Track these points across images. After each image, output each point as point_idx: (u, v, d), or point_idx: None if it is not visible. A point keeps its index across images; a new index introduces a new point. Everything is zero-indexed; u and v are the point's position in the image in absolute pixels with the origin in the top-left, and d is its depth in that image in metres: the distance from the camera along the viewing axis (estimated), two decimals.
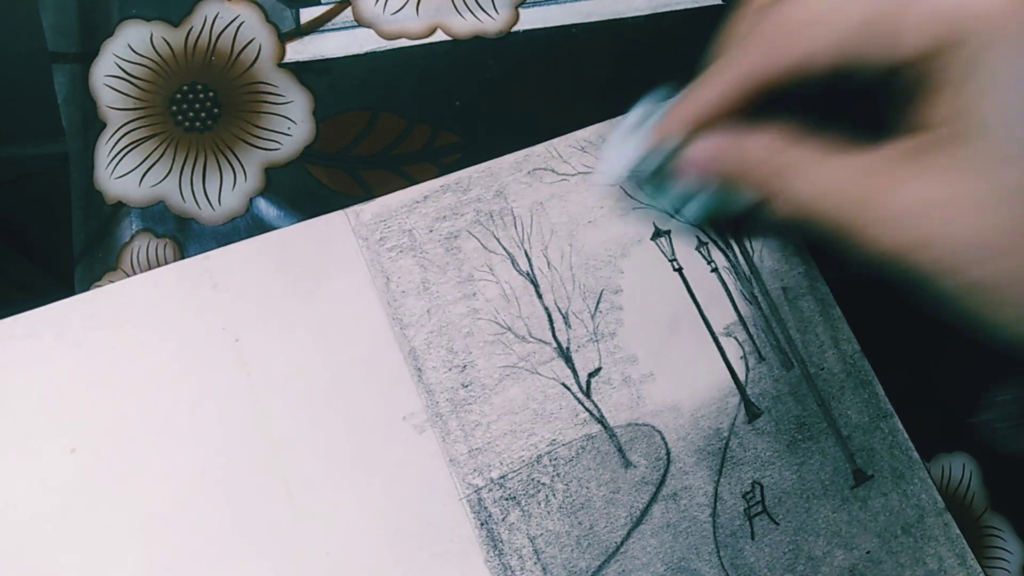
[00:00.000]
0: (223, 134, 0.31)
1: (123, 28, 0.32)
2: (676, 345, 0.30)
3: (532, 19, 0.35)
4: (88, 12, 0.32)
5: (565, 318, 0.30)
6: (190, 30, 0.32)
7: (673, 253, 0.31)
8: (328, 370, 0.28)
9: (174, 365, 0.27)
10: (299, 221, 0.31)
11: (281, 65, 0.33)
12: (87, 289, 0.30)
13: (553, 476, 0.28)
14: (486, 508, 0.27)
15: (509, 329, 0.29)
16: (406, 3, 0.34)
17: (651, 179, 0.26)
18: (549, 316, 0.30)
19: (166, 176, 0.31)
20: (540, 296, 0.30)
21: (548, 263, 0.30)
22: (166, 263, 0.30)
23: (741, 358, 0.30)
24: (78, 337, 0.27)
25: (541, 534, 0.27)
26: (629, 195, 0.31)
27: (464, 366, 0.29)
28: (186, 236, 0.31)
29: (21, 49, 0.34)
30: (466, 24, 0.34)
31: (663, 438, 0.29)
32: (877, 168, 0.19)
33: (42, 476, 0.25)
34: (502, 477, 0.28)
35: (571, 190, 0.31)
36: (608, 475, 0.28)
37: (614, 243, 0.31)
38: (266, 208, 0.31)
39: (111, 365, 0.27)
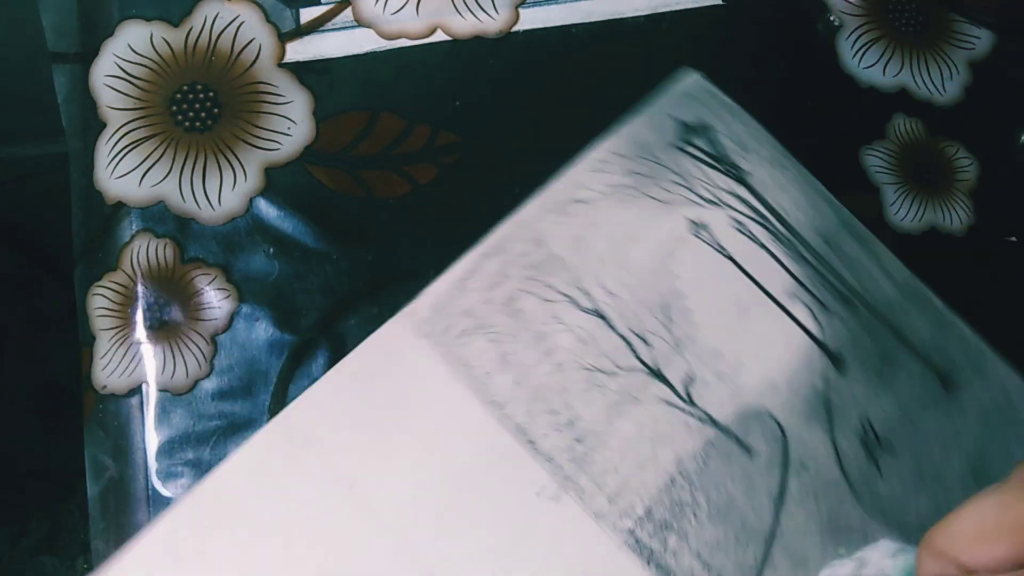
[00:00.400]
0: (223, 134, 0.32)
1: (123, 28, 0.32)
2: (750, 327, 0.31)
3: (532, 19, 0.35)
4: (88, 12, 0.32)
5: (643, 339, 0.30)
6: (190, 30, 0.32)
7: (717, 242, 0.32)
8: (447, 475, 0.27)
9: (299, 534, 0.26)
10: (299, 222, 0.31)
11: (281, 65, 0.33)
12: (87, 289, 0.30)
13: (692, 491, 0.28)
14: (646, 545, 0.27)
15: (597, 369, 0.29)
16: (406, 3, 0.34)
17: None
18: (628, 343, 0.30)
19: (166, 176, 0.31)
20: (612, 327, 0.30)
21: (608, 292, 0.30)
22: (166, 263, 0.30)
23: (811, 317, 0.31)
24: (195, 547, 0.26)
25: (703, 547, 0.28)
26: (657, 200, 0.31)
27: (571, 422, 0.28)
28: (186, 236, 0.31)
29: (21, 49, 0.34)
30: (466, 24, 0.34)
31: (772, 417, 0.30)
32: None
33: None
34: (647, 511, 0.28)
35: (601, 213, 0.31)
36: (739, 470, 0.29)
37: (660, 249, 0.31)
38: (266, 208, 0.31)
39: (237, 560, 0.26)
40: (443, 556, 0.27)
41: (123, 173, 0.31)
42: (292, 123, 0.32)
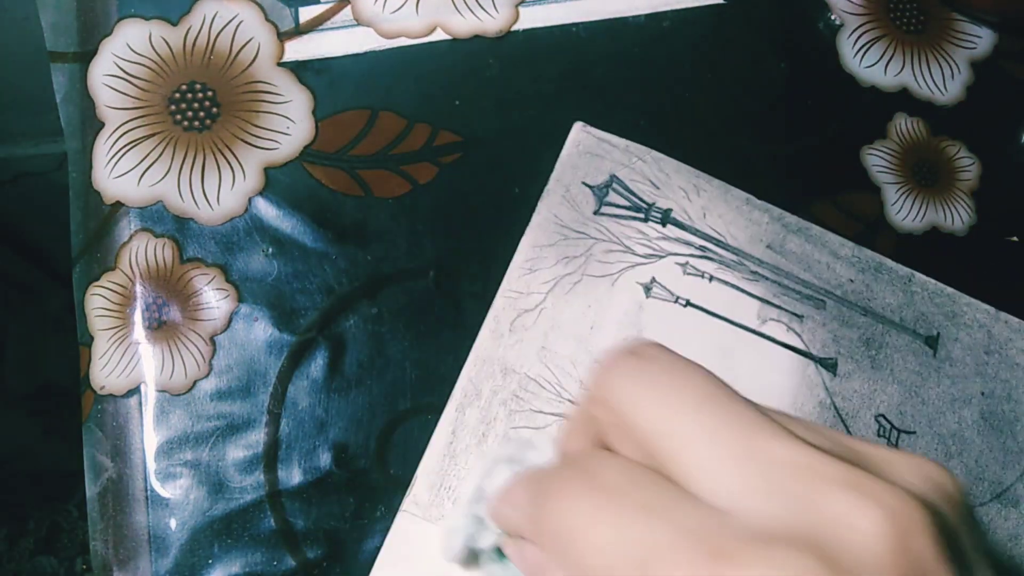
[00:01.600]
0: (222, 133, 0.31)
1: (122, 27, 0.32)
2: (737, 365, 0.30)
3: (532, 18, 0.35)
4: (87, 11, 0.32)
5: None
6: (189, 29, 0.32)
7: (672, 293, 0.31)
8: None
9: None
10: (298, 221, 0.31)
11: (280, 64, 0.32)
12: (86, 289, 0.30)
13: None
14: None
15: None
16: (405, 2, 0.34)
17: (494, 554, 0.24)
18: None
19: (165, 175, 0.31)
20: None
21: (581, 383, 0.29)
22: (165, 263, 0.30)
23: (787, 331, 0.31)
24: None
25: None
26: (598, 276, 0.30)
27: None
28: (185, 236, 0.31)
29: (20, 49, 0.34)
30: (466, 23, 0.34)
31: None
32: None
33: None
34: None
35: (553, 315, 0.30)
36: None
37: (626, 326, 0.30)
38: (265, 208, 0.31)
39: None
40: None
41: (122, 173, 0.31)
42: (291, 122, 0.32)
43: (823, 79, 0.36)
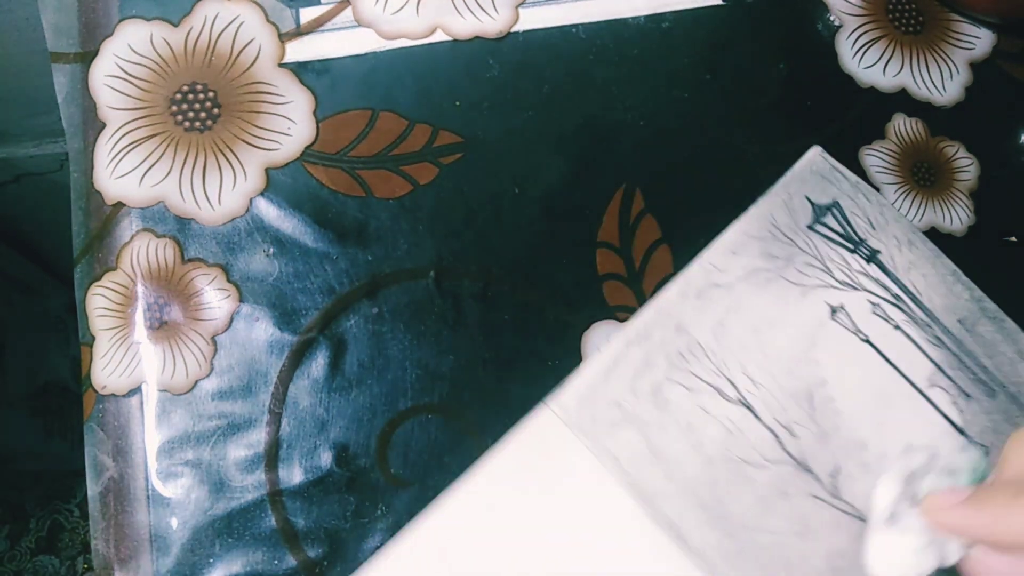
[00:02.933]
0: (223, 134, 0.31)
1: (123, 28, 0.32)
2: (893, 415, 0.30)
3: (532, 19, 0.35)
4: (88, 12, 0.32)
5: (788, 430, 0.30)
6: (190, 30, 0.32)
7: (855, 325, 0.31)
8: (599, 570, 0.27)
9: None
10: (299, 222, 0.31)
11: (281, 65, 0.33)
12: (87, 289, 0.30)
13: None
14: None
15: (746, 462, 0.29)
16: (406, 3, 0.34)
17: None
18: (774, 433, 0.29)
19: (166, 176, 0.31)
20: (759, 417, 0.30)
21: (752, 381, 0.30)
22: (166, 263, 0.30)
23: (952, 404, 0.31)
24: None
25: None
26: (793, 283, 0.31)
27: (721, 517, 0.28)
28: (186, 236, 0.31)
29: (21, 49, 0.34)
30: (466, 24, 0.34)
31: None
32: None
33: None
34: None
35: (741, 298, 0.31)
36: None
37: (800, 336, 0.31)
38: (266, 208, 0.31)
39: None
40: None
41: (123, 173, 0.31)
42: (292, 123, 0.32)
43: (822, 79, 0.36)
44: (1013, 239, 0.36)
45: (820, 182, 0.33)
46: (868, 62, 0.37)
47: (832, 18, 0.37)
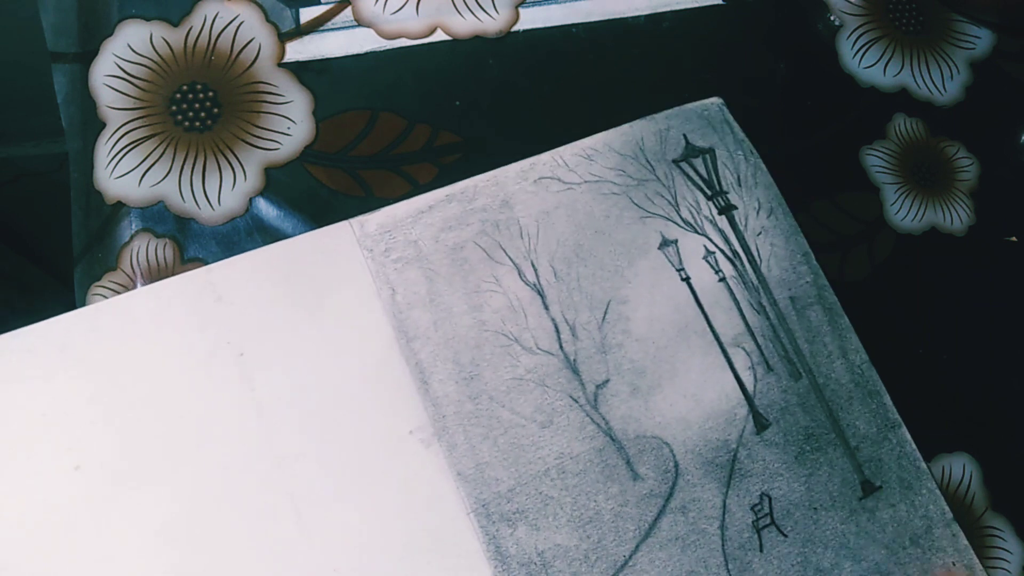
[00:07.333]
0: (223, 134, 0.31)
1: (123, 28, 0.32)
2: (684, 356, 0.30)
3: (532, 19, 0.35)
4: (88, 12, 0.32)
5: (572, 329, 0.29)
6: (190, 30, 0.32)
7: (681, 263, 0.31)
8: (333, 384, 0.28)
9: (178, 379, 0.27)
10: (299, 221, 0.31)
11: (281, 65, 0.33)
12: (87, 289, 0.30)
13: (561, 489, 0.28)
14: (494, 522, 0.27)
15: (516, 341, 0.29)
16: (406, 3, 0.34)
17: None
18: (556, 327, 0.29)
19: (166, 176, 0.31)
20: (547, 307, 0.29)
21: (555, 273, 0.30)
22: (166, 263, 0.30)
23: (749, 368, 0.30)
24: (80, 352, 0.27)
25: (549, 548, 0.27)
26: (636, 204, 0.31)
27: (471, 378, 0.28)
28: (186, 236, 0.31)
29: (21, 49, 0.34)
30: (466, 24, 0.34)
31: (671, 450, 0.29)
32: None
33: (46, 494, 0.25)
34: (510, 491, 0.27)
35: (577, 199, 0.31)
36: (616, 488, 0.28)
37: (621, 253, 0.31)
38: (266, 208, 0.31)
39: (114, 380, 0.26)
40: (299, 450, 0.27)
41: (123, 173, 0.31)
42: (292, 123, 0.32)
43: (822, 79, 0.36)
44: (1013, 239, 0.36)
45: (705, 127, 0.33)
46: (868, 62, 0.37)
47: (832, 18, 0.37)
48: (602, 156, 0.32)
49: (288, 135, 0.32)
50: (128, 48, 0.32)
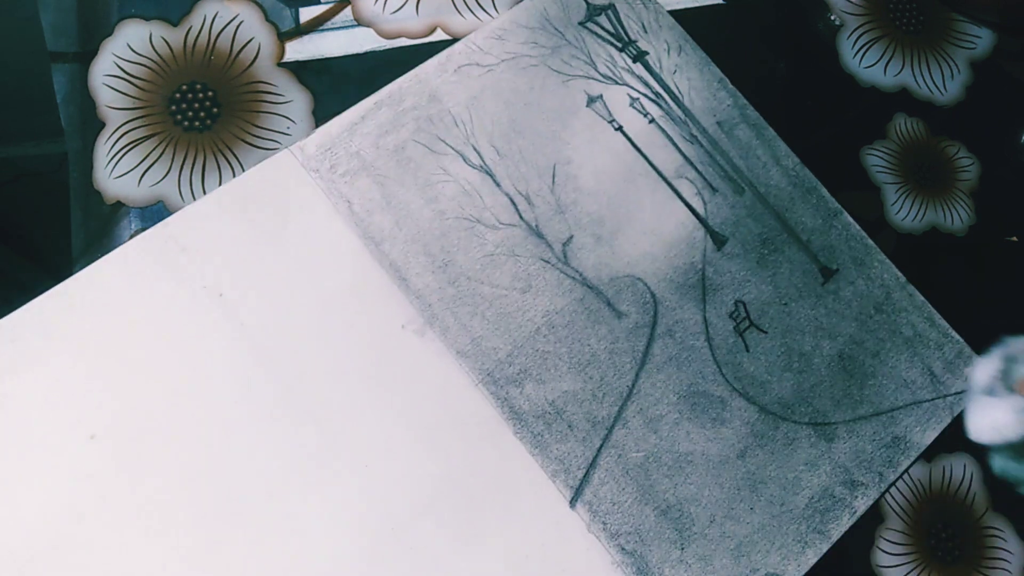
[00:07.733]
0: (222, 133, 0.31)
1: (122, 28, 0.32)
2: (635, 197, 0.32)
3: None
4: (87, 12, 0.32)
5: (527, 198, 0.31)
6: (189, 29, 0.32)
7: (611, 115, 0.33)
8: (317, 302, 0.28)
9: (167, 333, 0.27)
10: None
11: (280, 64, 0.33)
12: None
13: (555, 342, 0.30)
14: (501, 387, 0.29)
15: (479, 221, 0.30)
16: (406, 2, 0.34)
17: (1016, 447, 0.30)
18: (512, 200, 0.31)
19: (165, 175, 0.31)
20: (499, 184, 0.31)
21: (497, 152, 0.31)
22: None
23: (696, 194, 0.32)
24: (62, 330, 0.27)
25: (558, 396, 0.29)
26: (555, 71, 0.32)
27: (445, 265, 0.30)
28: None
29: (21, 49, 0.34)
30: (466, 23, 0.34)
31: (645, 284, 0.31)
32: None
33: (71, 465, 0.26)
34: (508, 356, 0.29)
35: (500, 79, 0.32)
36: (604, 329, 0.30)
37: (553, 118, 0.32)
38: None
39: (104, 348, 0.27)
40: (300, 371, 0.28)
41: (122, 173, 0.31)
42: (291, 122, 0.32)
43: (823, 79, 0.36)
44: (1014, 239, 0.36)
45: None
46: (869, 61, 0.37)
47: (833, 18, 0.37)
48: (512, 33, 0.33)
49: (288, 135, 0.32)
50: (128, 48, 0.32)
